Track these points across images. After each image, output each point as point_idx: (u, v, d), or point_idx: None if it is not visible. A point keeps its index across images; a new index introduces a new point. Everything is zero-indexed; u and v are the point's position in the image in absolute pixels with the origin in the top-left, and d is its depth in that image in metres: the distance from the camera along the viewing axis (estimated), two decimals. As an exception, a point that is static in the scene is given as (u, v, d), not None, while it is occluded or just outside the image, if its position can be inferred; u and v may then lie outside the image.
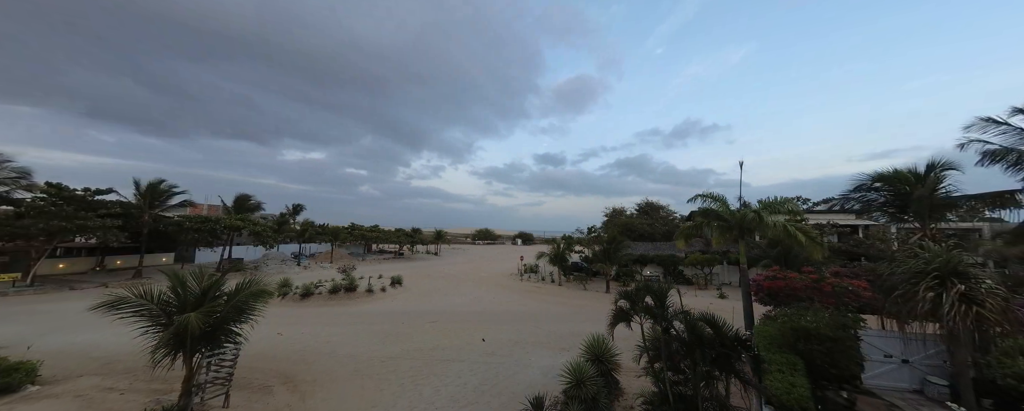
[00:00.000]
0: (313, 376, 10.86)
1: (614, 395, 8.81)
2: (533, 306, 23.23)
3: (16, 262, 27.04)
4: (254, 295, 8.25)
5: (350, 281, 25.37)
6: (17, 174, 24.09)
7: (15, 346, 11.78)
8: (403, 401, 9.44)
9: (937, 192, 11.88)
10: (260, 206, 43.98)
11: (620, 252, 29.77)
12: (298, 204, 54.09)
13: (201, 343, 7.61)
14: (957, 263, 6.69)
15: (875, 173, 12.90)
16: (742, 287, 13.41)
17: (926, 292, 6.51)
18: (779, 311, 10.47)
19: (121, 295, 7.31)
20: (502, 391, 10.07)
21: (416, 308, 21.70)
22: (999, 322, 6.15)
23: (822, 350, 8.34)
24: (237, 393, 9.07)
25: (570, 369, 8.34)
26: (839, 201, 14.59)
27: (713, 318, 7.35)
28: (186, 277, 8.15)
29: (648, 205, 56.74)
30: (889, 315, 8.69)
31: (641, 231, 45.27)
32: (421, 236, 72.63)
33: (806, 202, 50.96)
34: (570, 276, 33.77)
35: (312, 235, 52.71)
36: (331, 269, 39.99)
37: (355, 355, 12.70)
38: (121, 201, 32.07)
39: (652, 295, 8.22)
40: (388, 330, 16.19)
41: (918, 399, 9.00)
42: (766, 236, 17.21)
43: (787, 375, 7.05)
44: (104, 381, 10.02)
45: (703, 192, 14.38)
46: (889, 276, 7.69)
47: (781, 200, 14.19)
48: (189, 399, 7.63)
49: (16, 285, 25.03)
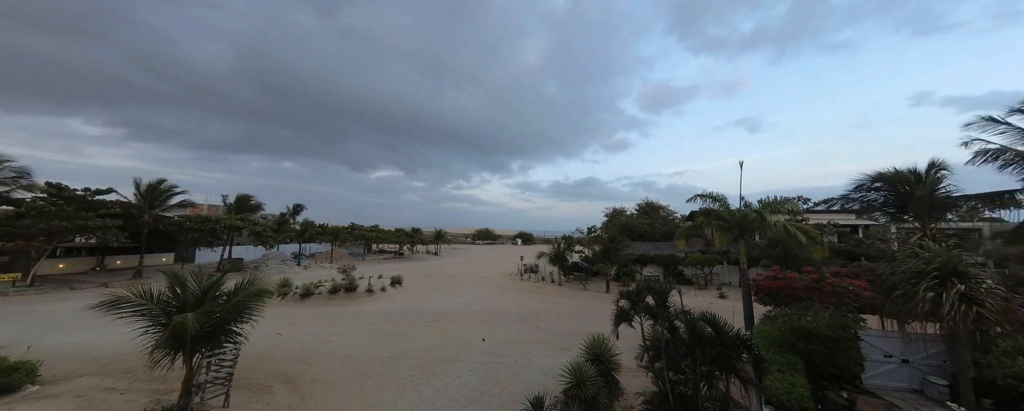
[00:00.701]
0: (313, 376, 10.86)
1: (614, 395, 8.79)
2: (533, 306, 23.22)
3: (16, 262, 27.04)
4: (254, 295, 8.25)
5: (350, 281, 25.36)
6: (17, 174, 24.09)
7: (15, 346, 11.76)
8: (403, 401, 9.44)
9: (937, 192, 11.89)
10: (260, 206, 44.00)
11: (620, 252, 29.75)
12: (298, 204, 54.08)
13: (201, 343, 7.60)
14: (957, 263, 6.70)
15: (875, 173, 12.91)
16: (742, 287, 13.41)
17: (926, 292, 6.51)
18: (779, 311, 10.48)
19: (121, 295, 7.30)
20: (502, 391, 10.07)
21: (416, 308, 21.69)
22: (999, 322, 6.15)
23: (822, 350, 8.35)
24: (237, 393, 9.07)
25: (570, 369, 8.33)
26: (839, 201, 14.60)
27: (713, 318, 7.33)
28: (186, 277, 8.14)
29: (648, 205, 56.74)
30: (889, 315, 8.69)
31: (641, 231, 45.27)
32: (421, 236, 72.61)
33: (806, 202, 50.98)
34: (570, 276, 33.77)
35: (312, 235, 52.72)
36: (331, 269, 39.97)
37: (355, 355, 12.70)
38: (121, 201, 32.08)
39: (653, 295, 8.21)
40: (388, 330, 16.19)
41: (918, 399, 8.99)
42: (766, 236, 17.21)
43: (787, 375, 7.06)
44: (104, 381, 10.02)
45: (703, 192, 14.39)
46: (889, 276, 7.69)
47: (781, 200, 14.19)
48: (189, 399, 7.62)
49: (16, 285, 25.02)
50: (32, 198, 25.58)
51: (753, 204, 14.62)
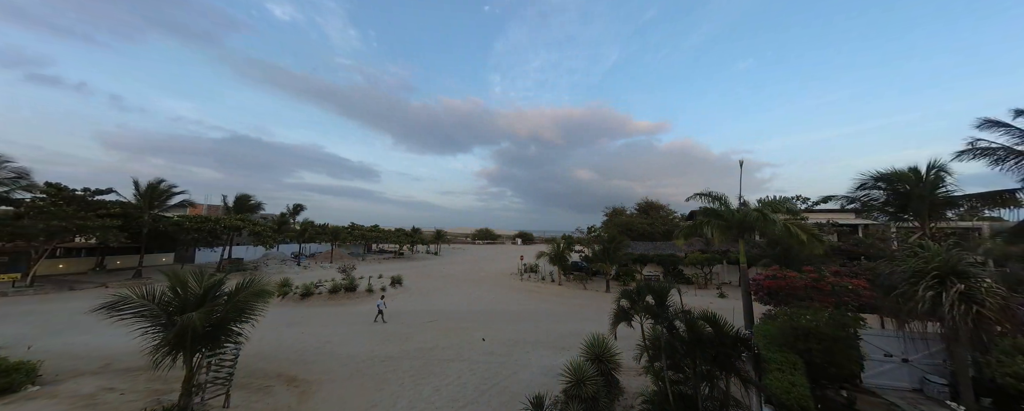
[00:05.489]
0: (313, 376, 10.86)
1: (614, 394, 8.79)
2: (533, 306, 23.23)
3: (16, 262, 27.00)
4: (254, 295, 8.23)
5: (350, 281, 25.37)
6: (17, 174, 24.05)
7: (15, 346, 11.77)
8: (403, 401, 9.44)
9: (937, 191, 11.89)
10: (260, 206, 43.96)
11: (620, 251, 29.78)
12: (298, 204, 54.06)
13: (201, 343, 7.59)
14: (957, 262, 6.68)
15: (876, 172, 12.91)
16: (742, 286, 13.41)
17: (926, 291, 6.49)
18: (779, 310, 10.49)
19: (121, 295, 7.28)
20: (502, 390, 10.07)
21: (416, 308, 21.69)
22: (999, 321, 6.14)
23: (822, 349, 8.35)
24: (237, 393, 9.07)
25: (570, 368, 8.34)
26: (840, 200, 14.61)
27: (713, 317, 7.34)
28: (186, 277, 8.13)
29: (648, 204, 56.69)
30: (889, 314, 8.69)
31: (641, 230, 45.27)
32: (421, 236, 72.58)
33: (806, 201, 50.96)
34: (570, 275, 33.76)
35: (312, 235, 52.69)
36: (331, 269, 39.94)
37: (355, 355, 12.70)
38: (121, 201, 32.07)
39: (653, 294, 8.21)
40: (388, 330, 16.19)
41: (918, 398, 9.00)
42: (766, 235, 17.21)
43: (787, 374, 7.05)
44: (104, 381, 10.02)
45: (703, 191, 14.37)
46: (889, 275, 7.69)
47: (781, 199, 14.20)
48: (189, 399, 7.61)
49: (16, 285, 25.01)
50: (32, 198, 25.57)
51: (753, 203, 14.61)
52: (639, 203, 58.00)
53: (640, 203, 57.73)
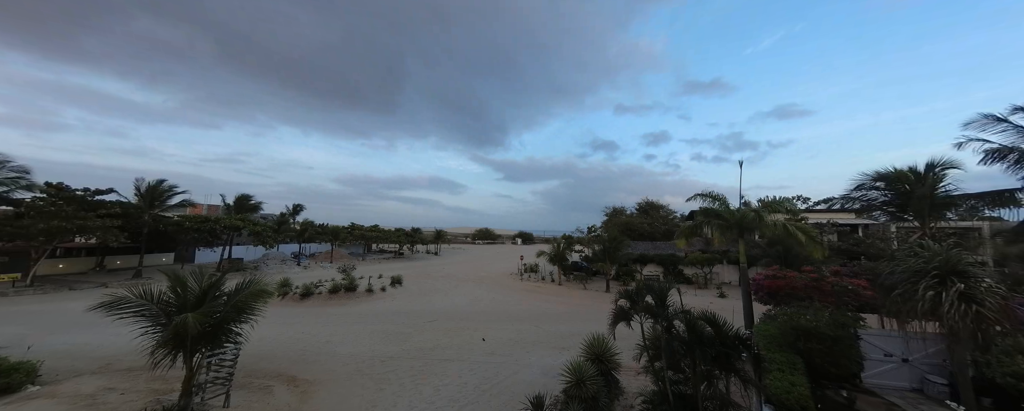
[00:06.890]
0: (313, 376, 10.86)
1: (614, 394, 8.80)
2: (533, 305, 23.23)
3: (16, 262, 27.01)
4: (254, 295, 8.24)
5: (350, 281, 25.35)
6: (17, 174, 24.07)
7: (15, 346, 11.76)
8: (403, 401, 9.44)
9: (937, 191, 11.89)
10: (259, 206, 43.98)
11: (620, 251, 29.76)
12: (298, 204, 54.11)
13: (201, 343, 7.60)
14: (957, 262, 6.68)
15: (875, 172, 12.92)
16: (742, 286, 13.42)
17: (926, 291, 6.49)
18: (779, 310, 10.48)
19: (121, 295, 7.29)
20: (502, 391, 10.07)
21: (416, 308, 21.69)
22: (999, 321, 6.14)
23: (822, 349, 8.36)
24: (237, 393, 9.07)
25: (570, 368, 8.33)
26: (840, 200, 14.61)
27: (713, 317, 7.33)
28: (186, 277, 8.14)
29: (648, 204, 56.69)
30: (889, 314, 8.66)
31: (641, 230, 45.29)
32: (421, 236, 72.61)
33: (806, 201, 50.95)
34: (570, 275, 33.76)
35: (312, 235, 52.71)
36: (331, 269, 39.94)
37: (355, 355, 12.70)
38: (121, 201, 32.08)
39: (653, 294, 8.21)
40: (388, 330, 16.19)
41: (918, 398, 9.00)
42: (766, 235, 17.22)
43: (787, 374, 7.06)
44: (104, 381, 10.02)
45: (703, 191, 14.40)
46: (889, 275, 7.67)
47: (780, 199, 14.21)
48: (189, 399, 7.62)
49: (16, 285, 25.02)
50: (32, 198, 25.57)
51: (753, 203, 14.62)
52: (639, 203, 58.05)
53: (640, 203, 57.77)
